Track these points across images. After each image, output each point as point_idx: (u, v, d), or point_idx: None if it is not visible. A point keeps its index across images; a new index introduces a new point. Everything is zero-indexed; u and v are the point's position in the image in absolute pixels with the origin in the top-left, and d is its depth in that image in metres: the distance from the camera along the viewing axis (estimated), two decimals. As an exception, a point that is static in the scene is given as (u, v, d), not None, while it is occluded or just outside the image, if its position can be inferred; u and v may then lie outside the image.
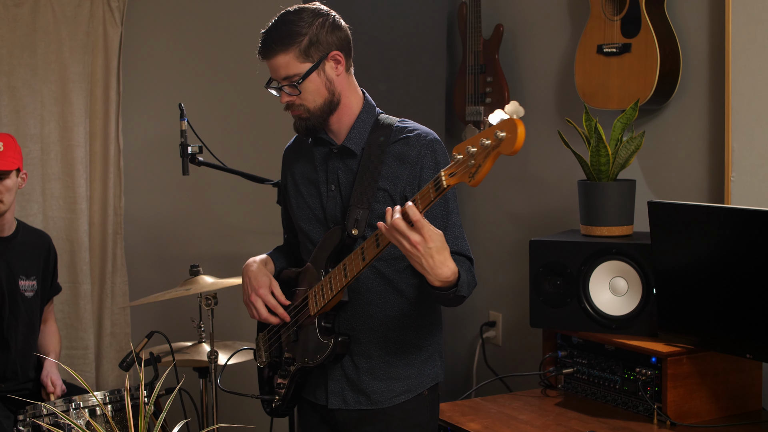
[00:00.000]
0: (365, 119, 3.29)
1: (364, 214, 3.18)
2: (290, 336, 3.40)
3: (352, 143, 3.27)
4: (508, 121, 2.56)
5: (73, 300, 5.19)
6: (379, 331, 3.29)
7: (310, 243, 3.37)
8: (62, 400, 4.05)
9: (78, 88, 5.11)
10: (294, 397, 3.48)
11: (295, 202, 3.45)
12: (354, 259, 3.07)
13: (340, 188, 3.28)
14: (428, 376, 3.37)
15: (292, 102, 3.22)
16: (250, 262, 3.48)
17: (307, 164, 3.41)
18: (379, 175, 3.20)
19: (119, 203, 5.27)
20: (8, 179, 4.52)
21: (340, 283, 3.14)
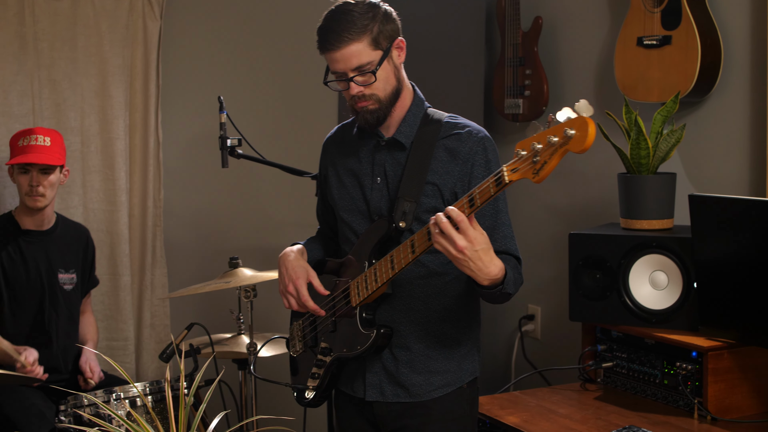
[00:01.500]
0: (415, 112, 3.28)
1: (412, 207, 3.17)
2: (328, 326, 3.39)
3: (402, 136, 3.25)
4: (579, 119, 2.55)
5: (113, 292, 5.21)
6: (420, 324, 3.27)
7: (353, 234, 3.37)
8: (103, 390, 4.07)
9: (118, 82, 5.13)
10: (328, 387, 3.47)
11: (337, 192, 3.43)
12: (403, 251, 3.06)
13: (387, 181, 3.27)
14: (467, 371, 3.36)
15: (361, 93, 3.17)
16: (287, 251, 3.46)
17: (350, 156, 3.39)
18: (428, 169, 3.18)
19: (159, 196, 5.29)
20: (52, 174, 4.56)
21: (386, 275, 3.13)
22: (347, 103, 3.25)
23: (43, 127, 4.69)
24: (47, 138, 4.57)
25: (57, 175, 4.60)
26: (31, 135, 4.58)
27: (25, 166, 4.54)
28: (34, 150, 4.53)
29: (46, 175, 4.55)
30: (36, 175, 4.54)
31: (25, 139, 4.58)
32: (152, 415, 2.45)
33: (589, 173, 4.75)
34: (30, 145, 4.55)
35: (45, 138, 4.57)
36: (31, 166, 4.53)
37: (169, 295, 5.14)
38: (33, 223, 4.65)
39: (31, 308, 4.62)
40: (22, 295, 4.60)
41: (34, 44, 4.95)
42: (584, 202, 4.81)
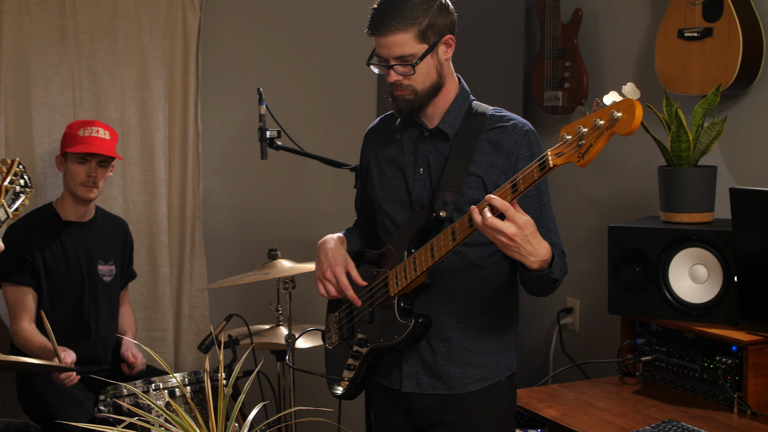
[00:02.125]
0: (460, 104, 3.26)
1: (453, 197, 3.16)
2: (365, 317, 3.38)
3: (446, 127, 3.24)
4: (626, 101, 2.55)
5: (152, 282, 5.24)
6: (459, 316, 3.27)
7: (392, 224, 3.36)
8: (142, 381, 4.08)
9: (157, 73, 5.15)
10: (364, 379, 3.47)
11: (378, 183, 3.42)
12: (443, 239, 3.05)
13: (430, 171, 3.26)
14: (505, 366, 3.35)
15: (399, 82, 3.17)
16: (326, 238, 3.46)
17: (392, 146, 3.39)
18: (471, 161, 3.17)
19: (198, 187, 5.30)
20: (109, 168, 4.61)
21: (426, 264, 3.12)
22: (386, 87, 3.23)
23: (100, 122, 4.70)
24: (107, 132, 4.62)
25: (111, 169, 4.64)
26: (92, 127, 4.61)
27: (85, 156, 4.57)
28: (96, 141, 4.57)
29: (104, 168, 4.59)
30: (95, 166, 4.57)
31: (86, 129, 4.60)
32: (191, 405, 2.46)
33: (629, 166, 4.73)
34: (92, 136, 4.58)
35: (105, 132, 4.61)
36: (91, 157, 4.56)
37: (207, 287, 5.16)
38: (75, 214, 4.68)
39: (70, 299, 4.65)
40: (62, 286, 4.63)
41: (74, 36, 4.97)
42: (624, 195, 4.79)
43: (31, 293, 4.58)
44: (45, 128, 4.85)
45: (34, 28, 4.87)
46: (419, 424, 3.38)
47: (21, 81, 4.86)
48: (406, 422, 3.42)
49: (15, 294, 4.57)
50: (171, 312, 5.29)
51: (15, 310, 4.57)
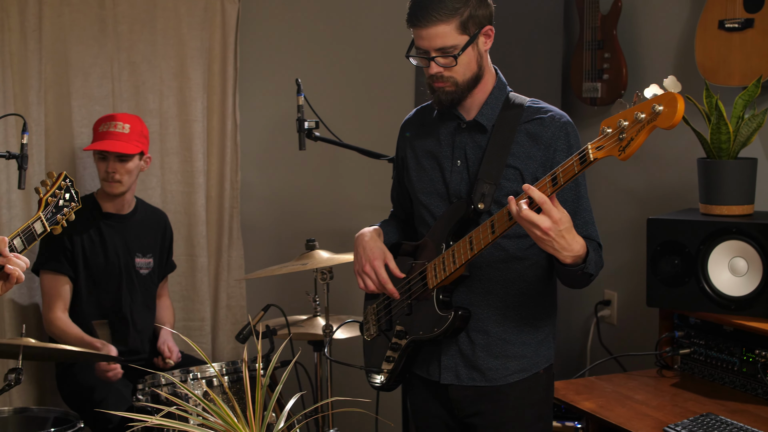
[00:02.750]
0: (497, 96, 3.26)
1: (491, 189, 3.15)
2: (403, 309, 3.39)
3: (484, 119, 3.24)
4: (668, 94, 2.53)
5: (190, 273, 5.26)
6: (498, 308, 3.27)
7: (430, 216, 3.36)
8: (179, 370, 4.10)
9: (196, 64, 5.16)
10: (403, 371, 3.47)
11: (415, 175, 3.42)
12: (482, 232, 3.05)
13: (467, 163, 3.26)
14: (543, 357, 3.35)
15: (440, 74, 3.16)
16: (363, 232, 3.48)
17: (429, 138, 3.39)
18: (509, 152, 3.17)
19: (236, 178, 5.32)
20: (130, 162, 4.60)
21: (465, 257, 3.12)
22: (425, 79, 3.23)
23: (126, 114, 4.72)
24: (126, 125, 4.61)
25: (136, 162, 4.64)
26: (111, 122, 4.62)
27: (102, 152, 4.59)
28: (112, 137, 4.57)
29: (123, 163, 4.59)
30: (113, 162, 4.58)
31: (106, 125, 4.62)
32: (229, 395, 2.47)
33: (668, 158, 4.70)
34: (109, 131, 4.59)
35: (124, 125, 4.60)
36: (108, 153, 4.57)
37: (245, 277, 5.18)
38: (113, 206, 4.70)
39: (108, 291, 4.68)
40: (99, 278, 4.66)
41: (113, 27, 4.99)
42: (663, 187, 4.76)
43: (67, 282, 4.61)
44: (84, 119, 4.87)
45: (74, 19, 4.90)
46: (457, 415, 3.39)
47: (61, 72, 4.88)
48: (444, 413, 3.43)
49: (51, 282, 4.61)
50: (208, 302, 5.31)
51: (50, 299, 4.60)
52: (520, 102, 3.25)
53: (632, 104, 2.62)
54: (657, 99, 2.55)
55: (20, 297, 4.80)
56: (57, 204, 3.40)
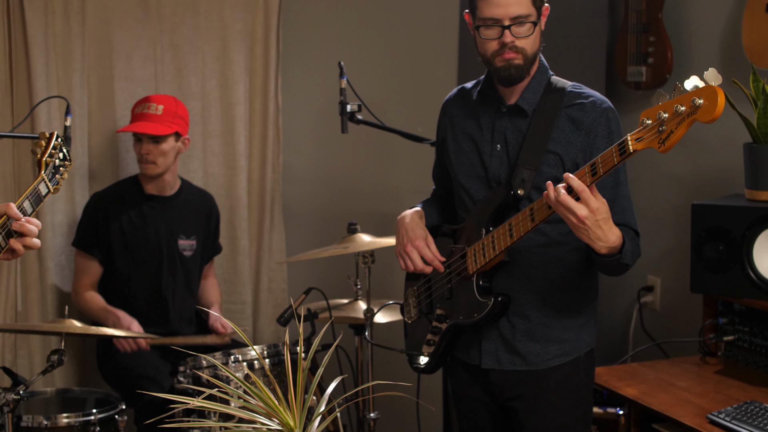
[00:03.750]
0: (539, 80, 3.25)
1: (531, 175, 3.15)
2: (444, 293, 3.39)
3: (525, 103, 3.23)
4: (708, 88, 2.52)
5: (232, 255, 5.27)
6: (538, 292, 3.27)
7: (470, 200, 3.36)
8: (221, 353, 4.12)
9: (238, 47, 5.16)
10: (443, 354, 3.48)
11: (455, 157, 3.42)
12: (522, 219, 3.05)
13: (507, 148, 3.25)
14: (584, 341, 3.34)
15: (513, 44, 3.13)
16: (405, 214, 3.50)
17: (470, 120, 3.39)
18: (550, 138, 3.16)
19: (278, 161, 5.32)
20: (164, 143, 4.60)
21: (504, 243, 3.12)
22: (487, 55, 3.20)
23: (161, 95, 4.73)
24: (159, 106, 4.61)
25: (171, 143, 4.64)
26: (145, 103, 4.64)
27: (137, 134, 4.61)
28: (145, 118, 4.59)
29: (157, 144, 4.60)
30: (146, 143, 4.60)
31: (140, 106, 4.64)
32: (270, 377, 2.47)
33: (713, 143, 4.66)
34: (142, 113, 4.61)
35: (158, 107, 4.61)
36: (141, 135, 4.59)
37: (287, 260, 5.18)
38: (155, 188, 4.72)
39: (149, 272, 4.71)
40: (140, 259, 4.69)
41: (156, 10, 5.00)
42: (707, 172, 4.72)
43: (96, 263, 4.67)
44: (127, 101, 4.89)
45: (117, 2, 4.91)
46: (498, 399, 3.40)
47: (104, 54, 4.90)
48: (485, 396, 3.43)
49: (81, 261, 4.70)
50: (250, 285, 5.33)
51: (79, 275, 4.71)
52: (562, 86, 3.25)
53: (672, 95, 2.60)
54: (697, 92, 2.53)
55: (62, 280, 4.83)
56: (54, 164, 3.41)
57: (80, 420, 3.96)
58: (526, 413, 3.33)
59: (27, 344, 4.73)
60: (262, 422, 2.25)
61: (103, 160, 4.96)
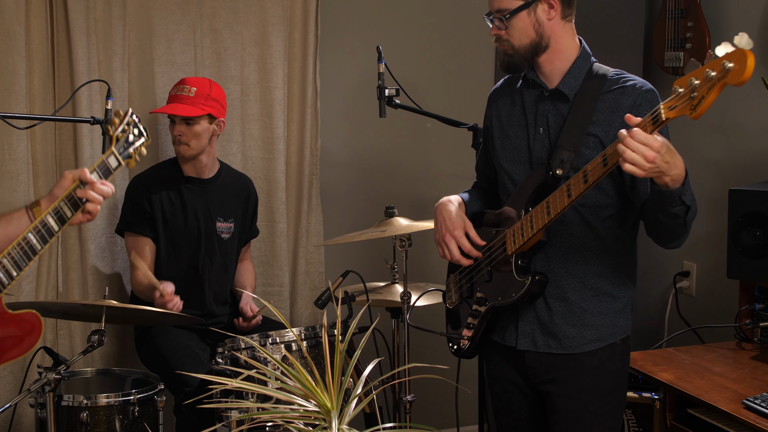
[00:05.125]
0: (581, 65, 3.28)
1: (570, 156, 3.17)
2: (483, 276, 3.41)
3: (566, 87, 3.27)
4: (737, 51, 2.53)
5: (270, 238, 5.29)
6: (577, 275, 3.28)
7: (512, 183, 3.38)
8: (258, 334, 4.14)
9: (277, 31, 5.18)
10: (483, 337, 3.50)
11: (499, 142, 3.45)
12: (558, 196, 3.06)
13: (549, 131, 3.28)
14: (621, 328, 3.35)
15: (499, 36, 3.27)
16: (444, 201, 3.51)
17: (514, 106, 3.43)
18: (590, 121, 3.18)
19: (315, 144, 5.33)
20: (197, 125, 4.62)
21: (542, 221, 3.13)
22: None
23: (197, 77, 4.76)
24: (193, 88, 4.63)
25: (204, 125, 4.65)
26: (180, 85, 4.66)
27: (170, 116, 4.64)
28: (177, 100, 4.62)
29: (190, 126, 4.62)
30: (179, 125, 4.63)
31: (175, 89, 4.67)
32: (308, 359, 2.49)
33: (751, 128, 4.64)
34: (175, 95, 4.64)
35: (191, 88, 4.63)
36: (174, 116, 4.62)
37: (324, 243, 5.20)
38: (193, 170, 4.75)
39: (186, 254, 4.74)
40: (178, 240, 4.72)
41: (196, -6, 5.03)
42: (745, 158, 4.70)
43: (148, 243, 4.69)
44: (167, 85, 4.91)
45: (158, -14, 4.95)
46: (532, 381, 3.42)
47: (144, 38, 4.93)
48: (520, 379, 3.46)
49: (133, 243, 4.70)
50: (287, 268, 5.35)
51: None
52: (604, 72, 3.26)
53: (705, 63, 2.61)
54: (727, 56, 2.54)
55: (103, 261, 4.88)
56: (127, 139, 3.47)
57: (119, 400, 4.00)
58: (559, 397, 3.35)
59: (68, 325, 4.78)
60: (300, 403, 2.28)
61: (143, 142, 5.00)
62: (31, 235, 3.08)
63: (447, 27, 5.61)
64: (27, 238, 3.07)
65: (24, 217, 3.16)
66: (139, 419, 4.02)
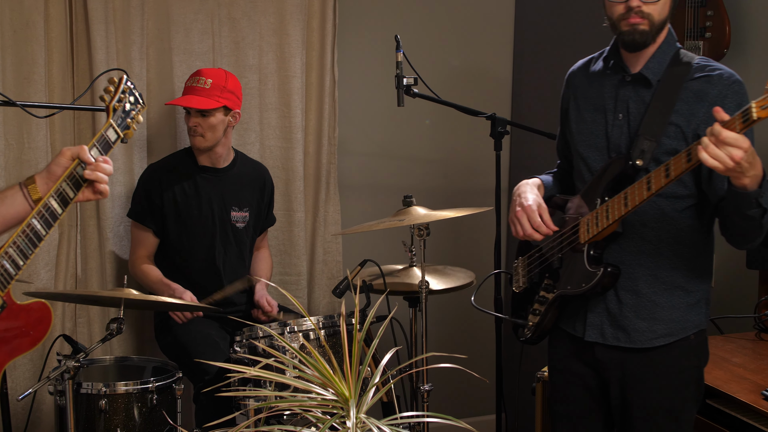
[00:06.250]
0: (666, 51, 3.22)
1: (651, 146, 3.11)
2: (554, 262, 3.38)
3: (649, 72, 3.20)
4: None
5: (288, 227, 5.30)
6: (650, 268, 3.23)
7: (587, 170, 3.34)
8: (277, 323, 4.14)
9: (295, 20, 5.17)
10: (548, 325, 3.47)
11: (575, 126, 3.40)
12: (638, 188, 3.01)
13: (629, 118, 3.22)
14: (692, 323, 3.28)
15: (639, 8, 3.11)
16: (522, 183, 3.47)
17: (593, 89, 3.36)
18: (672, 110, 3.12)
19: (333, 133, 5.33)
20: (212, 117, 4.62)
21: (618, 213, 3.09)
22: (613, 18, 3.19)
23: (212, 69, 4.76)
24: (208, 80, 4.63)
25: (219, 117, 4.66)
26: (195, 77, 4.66)
27: (185, 107, 4.64)
28: (192, 92, 4.62)
29: (205, 118, 4.62)
30: (194, 117, 4.63)
31: (191, 80, 4.67)
32: (326, 348, 2.49)
33: None
34: (191, 86, 4.64)
35: (206, 80, 4.63)
36: (189, 108, 4.62)
37: (342, 232, 5.20)
38: (208, 160, 4.76)
39: (201, 243, 4.75)
40: (193, 230, 4.73)
41: (214, -18, 5.03)
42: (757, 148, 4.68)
43: (150, 234, 4.74)
44: (185, 74, 4.91)
45: (176, -25, 4.95)
46: (601, 374, 3.37)
47: (162, 27, 4.93)
48: (587, 370, 3.41)
49: (136, 231, 4.78)
50: (305, 257, 5.35)
51: (135, 245, 4.78)
52: (689, 59, 3.19)
53: None
54: None
55: (121, 250, 4.89)
56: (124, 108, 3.40)
57: (138, 388, 4.02)
58: (631, 392, 3.30)
59: (86, 313, 4.80)
60: (318, 392, 2.28)
61: (161, 131, 5.00)
62: (34, 220, 2.99)
63: (465, 16, 5.59)
64: (31, 224, 2.99)
65: (18, 194, 3.05)
66: (158, 407, 4.03)
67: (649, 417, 3.28)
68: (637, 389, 3.29)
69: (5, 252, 2.95)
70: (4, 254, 2.94)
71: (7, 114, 4.51)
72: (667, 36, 3.23)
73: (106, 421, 3.96)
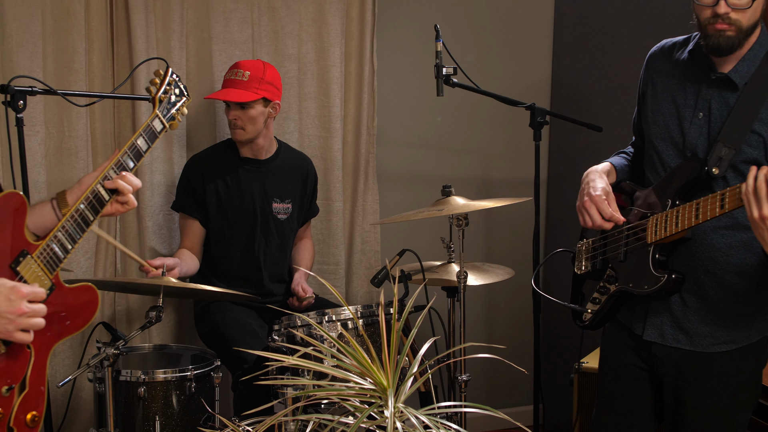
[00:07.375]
0: (757, 51, 3.10)
1: (730, 153, 3.02)
2: (618, 255, 3.33)
3: (737, 75, 3.08)
4: None
5: (326, 217, 5.30)
6: (717, 275, 3.16)
7: (660, 163, 3.26)
8: (315, 312, 4.15)
9: (335, 9, 5.17)
10: (608, 315, 3.43)
11: (651, 115, 3.31)
12: (711, 203, 2.92)
13: (710, 119, 3.12)
14: (756, 330, 3.22)
15: (727, 15, 2.98)
16: (591, 170, 3.41)
17: (673, 79, 3.26)
18: (756, 117, 3.00)
19: (372, 123, 5.33)
20: (252, 110, 4.62)
21: (688, 222, 3.02)
22: (700, 20, 3.08)
23: (251, 60, 4.74)
24: (246, 73, 4.63)
25: (258, 109, 4.65)
26: (234, 69, 4.66)
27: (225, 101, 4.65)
28: (231, 84, 4.62)
29: (245, 110, 4.62)
30: (234, 110, 4.63)
31: (230, 72, 4.67)
32: (365, 337, 2.49)
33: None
34: (229, 79, 4.65)
35: (245, 73, 4.63)
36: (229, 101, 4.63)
37: (380, 222, 5.19)
38: (250, 151, 4.76)
39: (242, 235, 4.76)
40: (234, 221, 4.74)
41: (254, -28, 5.04)
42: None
43: (197, 224, 4.74)
44: (224, 63, 4.92)
45: (215, -36, 4.95)
46: (656, 371, 3.32)
47: (202, 16, 4.94)
48: (642, 364, 3.37)
49: (183, 222, 4.79)
50: (343, 246, 5.36)
51: (182, 237, 4.79)
52: None
53: None
54: None
55: (160, 238, 4.91)
56: (170, 100, 3.45)
57: (177, 375, 4.03)
58: (685, 392, 3.26)
59: (126, 301, 4.82)
60: (356, 381, 2.28)
61: (201, 121, 5.01)
62: (82, 206, 3.07)
63: (505, 5, 5.58)
64: (79, 210, 3.06)
65: (47, 207, 3.10)
66: (196, 395, 4.05)
67: (702, 418, 3.24)
68: (693, 389, 3.24)
69: (54, 236, 3.00)
70: (53, 238, 2.99)
71: (48, 103, 4.54)
72: (760, 36, 3.11)
73: (145, 409, 3.98)
